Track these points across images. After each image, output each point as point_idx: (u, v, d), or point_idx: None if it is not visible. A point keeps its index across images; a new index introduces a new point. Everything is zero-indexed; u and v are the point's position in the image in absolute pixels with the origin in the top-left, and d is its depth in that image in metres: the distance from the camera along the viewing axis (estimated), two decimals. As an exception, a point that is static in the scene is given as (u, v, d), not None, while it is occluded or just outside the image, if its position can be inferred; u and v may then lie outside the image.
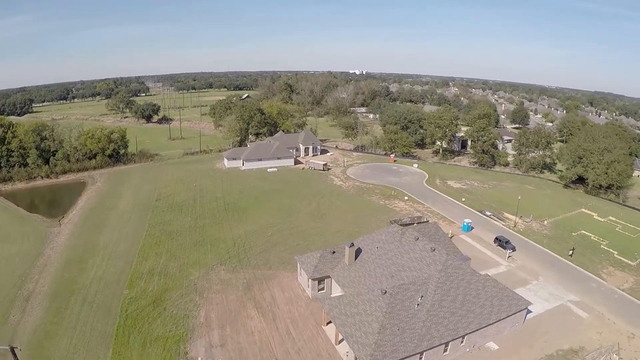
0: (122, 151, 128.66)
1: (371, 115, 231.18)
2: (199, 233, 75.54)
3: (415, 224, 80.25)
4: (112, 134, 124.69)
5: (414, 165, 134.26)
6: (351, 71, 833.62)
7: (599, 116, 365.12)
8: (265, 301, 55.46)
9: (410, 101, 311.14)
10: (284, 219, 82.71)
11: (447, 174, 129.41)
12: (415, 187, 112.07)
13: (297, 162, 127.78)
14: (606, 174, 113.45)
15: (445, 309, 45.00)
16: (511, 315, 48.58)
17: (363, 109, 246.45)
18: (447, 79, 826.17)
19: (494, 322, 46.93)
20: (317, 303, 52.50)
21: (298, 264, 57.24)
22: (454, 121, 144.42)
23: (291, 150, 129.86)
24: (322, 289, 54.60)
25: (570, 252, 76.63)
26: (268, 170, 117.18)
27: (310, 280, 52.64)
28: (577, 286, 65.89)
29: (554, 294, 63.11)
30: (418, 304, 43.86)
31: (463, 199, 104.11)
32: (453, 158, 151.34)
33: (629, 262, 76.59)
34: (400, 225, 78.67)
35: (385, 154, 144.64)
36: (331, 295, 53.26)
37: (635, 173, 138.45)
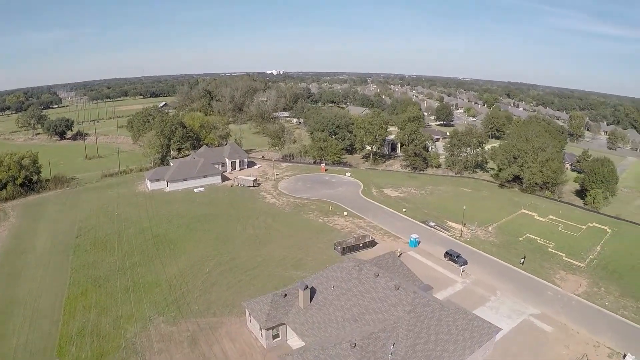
0: (34, 178, 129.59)
1: (295, 120, 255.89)
2: (129, 276, 76.11)
3: (361, 245, 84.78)
4: (22, 159, 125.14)
5: (346, 174, 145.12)
6: (268, 71, 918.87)
7: (517, 107, 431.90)
8: (216, 358, 55.27)
9: (333, 102, 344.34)
10: (220, 250, 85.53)
11: (382, 181, 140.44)
12: (352, 199, 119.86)
13: (224, 178, 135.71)
14: (541, 172, 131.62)
15: (420, 354, 46.11)
16: (483, 345, 51.11)
17: (286, 113, 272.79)
18: (364, 75, 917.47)
19: (468, 356, 48.87)
20: (275, 355, 53.93)
21: (247, 311, 58.46)
22: (383, 125, 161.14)
23: (217, 166, 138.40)
24: (277, 336, 55.89)
25: (522, 260, 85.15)
26: (195, 190, 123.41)
27: (263, 330, 54.53)
28: (534, 297, 72.87)
29: (514, 309, 68.74)
30: (391, 354, 44.76)
31: (404, 210, 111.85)
32: (384, 162, 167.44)
33: (578, 263, 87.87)
34: (346, 247, 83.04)
35: (315, 162, 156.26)
36: (290, 346, 54.64)
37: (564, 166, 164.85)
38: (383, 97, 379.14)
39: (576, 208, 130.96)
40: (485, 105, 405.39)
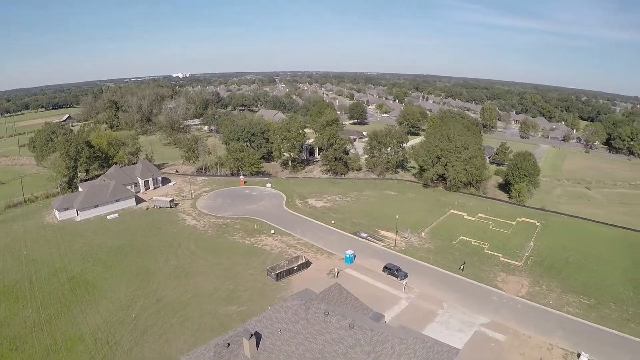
0: None
1: (206, 127, 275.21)
2: (47, 332, 73.27)
3: (295, 268, 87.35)
4: None
5: (267, 185, 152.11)
6: (175, 75, 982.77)
7: (427, 100, 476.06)
8: None
9: (244, 105, 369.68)
10: (144, 289, 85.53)
11: (305, 190, 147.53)
12: (277, 214, 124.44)
13: (139, 200, 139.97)
14: (465, 170, 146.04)
15: (386, 396, 46.60)
16: (445, 369, 54.18)
17: (197, 121, 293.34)
18: (272, 74, 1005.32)
19: (431, 385, 51.37)
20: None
21: (188, 368, 55.32)
22: (301, 131, 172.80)
23: (130, 187, 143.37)
24: (225, 389, 53.26)
25: (461, 266, 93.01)
26: (108, 217, 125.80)
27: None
28: (481, 305, 79.76)
29: (464, 321, 74.45)
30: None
31: (333, 222, 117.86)
32: (304, 169, 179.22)
33: (516, 262, 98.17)
34: (280, 272, 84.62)
35: (232, 174, 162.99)
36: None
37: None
38: (294, 97, 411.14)
39: (502, 203, 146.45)
40: (397, 101, 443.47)
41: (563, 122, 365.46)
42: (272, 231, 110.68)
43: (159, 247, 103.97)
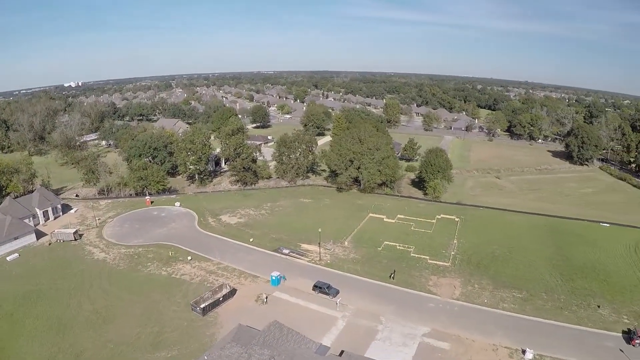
0: None
1: (104, 142, 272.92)
2: None
3: (221, 299, 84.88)
4: None
5: (176, 204, 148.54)
6: (66, 84, 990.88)
7: (327, 98, 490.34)
8: None
9: (141, 115, 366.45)
10: (59, 344, 78.74)
11: (216, 205, 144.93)
12: (191, 236, 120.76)
13: (39, 234, 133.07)
14: (379, 171, 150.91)
15: None
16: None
17: (94, 136, 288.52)
18: (167, 78, 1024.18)
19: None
20: None
21: None
22: (206, 142, 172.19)
23: (28, 221, 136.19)
24: None
25: (392, 275, 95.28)
26: (8, 259, 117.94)
27: None
28: (419, 314, 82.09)
29: (406, 333, 75.99)
30: None
31: (251, 240, 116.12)
32: (211, 182, 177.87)
33: (444, 263, 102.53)
34: (205, 306, 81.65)
35: (137, 194, 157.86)
36: None
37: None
38: (192, 103, 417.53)
39: (419, 201, 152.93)
40: (298, 100, 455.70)
41: (464, 113, 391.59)
42: (189, 257, 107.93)
43: (68, 290, 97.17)
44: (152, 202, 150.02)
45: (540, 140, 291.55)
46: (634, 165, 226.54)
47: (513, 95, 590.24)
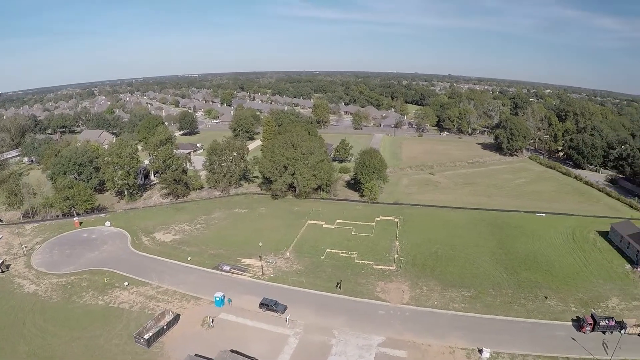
0: None
1: (26, 159, 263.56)
2: None
3: (165, 326, 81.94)
4: None
5: (106, 223, 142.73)
6: None
7: (254, 100, 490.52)
8: None
9: (64, 127, 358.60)
10: None
11: (149, 222, 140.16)
12: (126, 259, 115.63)
13: None
14: (314, 176, 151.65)
15: None
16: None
17: (14, 152, 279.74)
18: (89, 85, 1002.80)
19: None
20: None
21: None
22: (134, 155, 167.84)
23: None
24: None
25: (338, 285, 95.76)
26: None
27: None
28: (371, 323, 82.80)
29: (361, 345, 76.38)
30: None
31: (189, 258, 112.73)
32: (142, 196, 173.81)
33: (389, 267, 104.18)
34: (150, 336, 78.39)
35: (64, 215, 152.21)
36: None
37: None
38: (117, 111, 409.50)
39: (356, 204, 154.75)
40: (225, 104, 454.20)
41: (392, 109, 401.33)
42: (126, 283, 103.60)
43: (0, 330, 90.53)
44: (80, 224, 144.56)
45: (468, 134, 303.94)
46: (561, 153, 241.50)
47: (438, 90, 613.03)
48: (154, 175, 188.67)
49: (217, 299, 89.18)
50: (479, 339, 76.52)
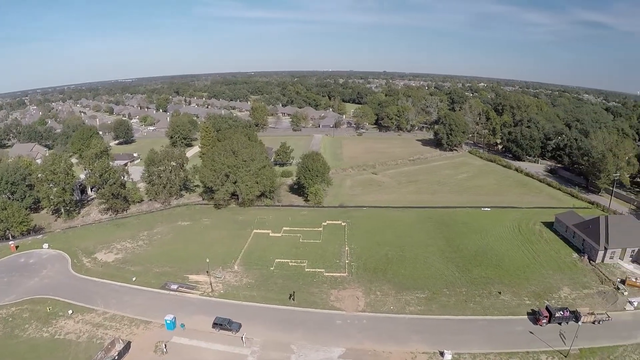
0: None
1: None
2: None
3: (116, 356, 78.24)
4: None
5: (44, 245, 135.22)
6: None
7: (190, 104, 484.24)
8: None
9: None
10: None
11: (89, 242, 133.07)
12: (68, 284, 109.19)
13: None
14: (257, 183, 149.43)
15: None
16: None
17: None
18: (19, 95, 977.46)
19: None
20: None
21: None
22: (69, 171, 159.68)
23: None
24: None
25: (291, 296, 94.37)
26: None
27: None
28: (329, 334, 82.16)
29: (321, 359, 75.51)
30: None
31: (134, 279, 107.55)
32: (79, 213, 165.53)
33: (341, 274, 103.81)
34: None
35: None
36: None
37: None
38: (49, 121, 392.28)
39: (301, 209, 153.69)
40: (161, 110, 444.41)
41: (330, 109, 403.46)
42: (70, 310, 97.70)
43: None
44: (17, 247, 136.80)
45: (407, 131, 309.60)
46: (500, 146, 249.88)
47: (375, 87, 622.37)
48: (91, 190, 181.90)
49: (168, 322, 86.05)
50: (439, 342, 77.36)
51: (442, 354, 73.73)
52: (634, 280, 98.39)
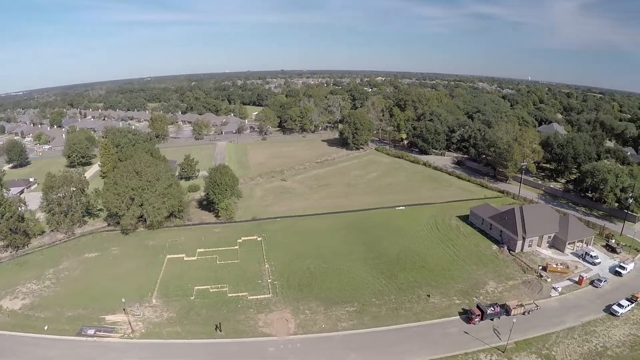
0: None
1: None
2: None
3: None
4: None
5: None
6: None
7: (86, 117, 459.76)
8: None
9: None
10: None
11: None
12: None
13: None
14: (164, 203, 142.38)
15: None
16: None
17: None
18: None
19: None
20: None
21: None
22: None
23: None
24: None
25: (218, 328, 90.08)
26: None
27: None
28: (261, 365, 78.85)
29: (258, 394, 72.30)
30: None
31: (46, 327, 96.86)
32: None
33: (265, 295, 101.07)
34: None
35: None
36: None
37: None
38: None
39: (214, 226, 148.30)
40: (55, 125, 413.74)
41: (232, 114, 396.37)
42: None
43: None
44: None
45: (311, 132, 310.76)
46: (406, 142, 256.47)
47: (274, 87, 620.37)
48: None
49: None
50: (377, 355, 77.68)
51: (384, 372, 73.33)
52: (555, 266, 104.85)
